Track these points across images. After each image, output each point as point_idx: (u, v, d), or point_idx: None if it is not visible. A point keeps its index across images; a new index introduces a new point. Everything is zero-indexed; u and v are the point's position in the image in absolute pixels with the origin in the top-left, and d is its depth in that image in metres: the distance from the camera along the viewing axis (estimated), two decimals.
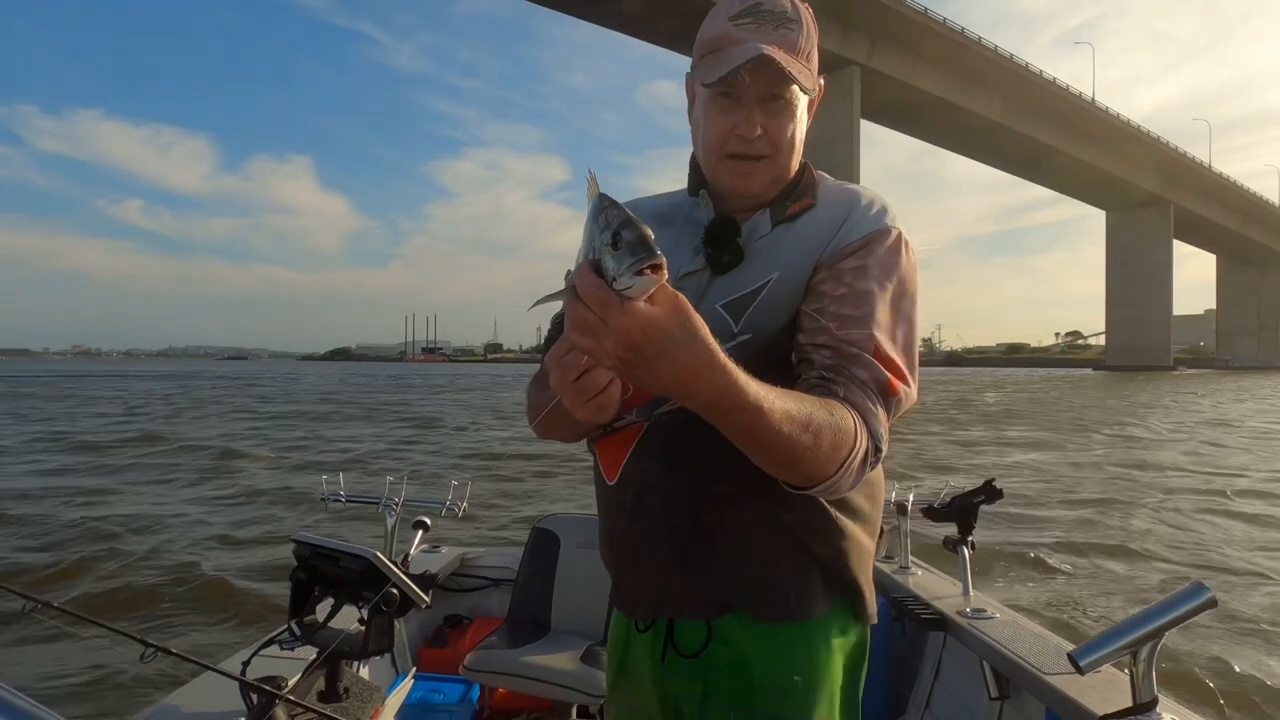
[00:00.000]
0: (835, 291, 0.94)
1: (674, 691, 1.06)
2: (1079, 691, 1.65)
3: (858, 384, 0.89)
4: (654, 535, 1.02)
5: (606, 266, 0.68)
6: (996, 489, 2.33)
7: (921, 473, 10.37)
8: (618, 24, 50.95)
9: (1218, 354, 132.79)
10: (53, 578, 5.53)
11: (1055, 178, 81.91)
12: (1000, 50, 58.18)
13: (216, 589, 5.31)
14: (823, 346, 0.92)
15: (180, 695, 1.60)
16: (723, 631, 1.02)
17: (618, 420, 1.01)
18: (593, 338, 0.68)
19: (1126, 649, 1.15)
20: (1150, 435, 17.34)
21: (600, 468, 1.08)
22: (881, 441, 0.89)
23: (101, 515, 7.60)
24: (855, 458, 0.86)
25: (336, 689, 1.55)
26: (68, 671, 3.77)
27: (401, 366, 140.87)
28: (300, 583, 1.55)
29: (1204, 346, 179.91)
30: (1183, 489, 9.91)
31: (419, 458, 12.86)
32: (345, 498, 2.59)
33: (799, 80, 0.94)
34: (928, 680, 2.39)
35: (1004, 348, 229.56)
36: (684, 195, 1.12)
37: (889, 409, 0.91)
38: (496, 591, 2.94)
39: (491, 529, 7.05)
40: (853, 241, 0.97)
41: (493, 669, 2.29)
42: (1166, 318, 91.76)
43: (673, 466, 1.00)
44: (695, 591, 1.02)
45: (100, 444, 14.12)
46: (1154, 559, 6.49)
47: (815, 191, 1.05)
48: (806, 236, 1.00)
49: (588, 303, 0.67)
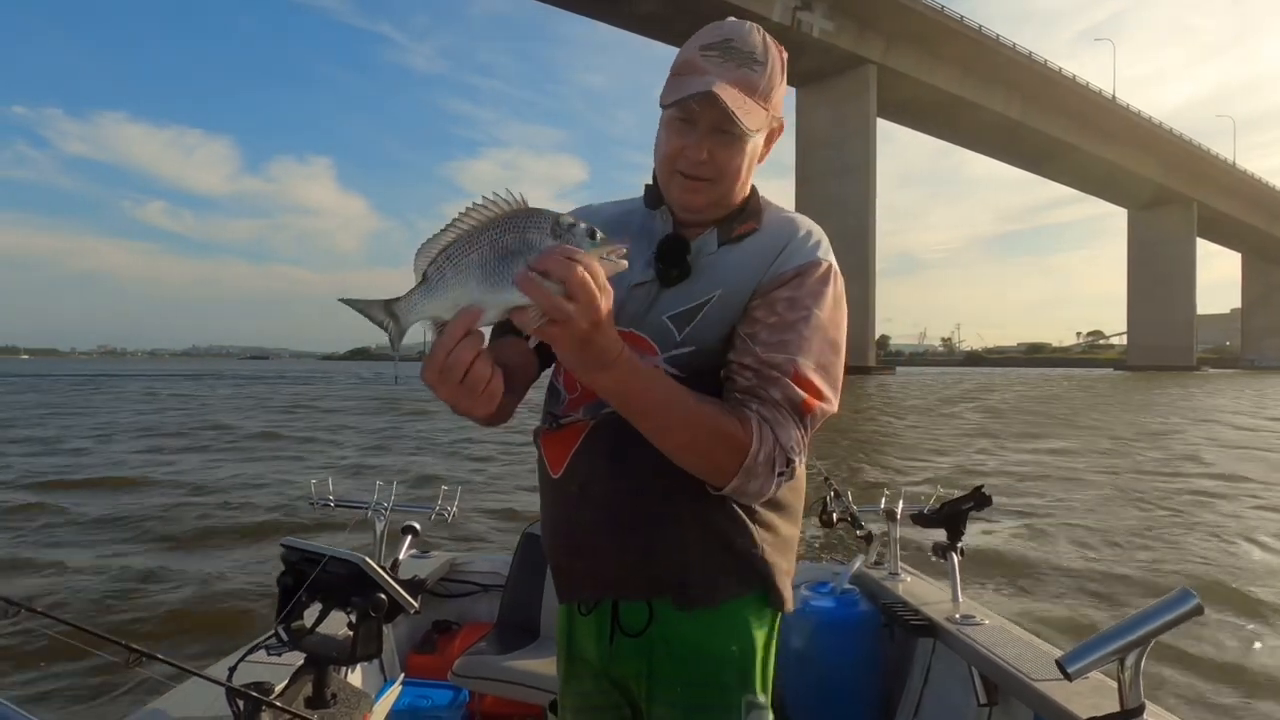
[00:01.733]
0: (767, 319, 1.04)
1: (621, 671, 1.15)
2: (1067, 697, 1.65)
3: (771, 404, 0.99)
4: (596, 524, 1.11)
5: (584, 249, 0.78)
6: (986, 496, 2.32)
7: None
8: (634, 25, 51.03)
9: (1243, 354, 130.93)
10: (45, 584, 5.54)
11: (1075, 176, 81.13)
12: (1018, 48, 57.73)
13: (205, 593, 5.31)
14: (746, 367, 1.02)
15: (166, 701, 1.60)
16: (662, 611, 1.11)
17: (564, 417, 1.13)
18: (581, 307, 0.78)
19: (1114, 655, 1.16)
20: (1150, 434, 17.16)
21: (545, 461, 1.17)
22: (793, 453, 0.99)
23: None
24: (754, 462, 0.96)
25: (324, 695, 1.54)
26: (52, 677, 3.77)
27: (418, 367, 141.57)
28: (287, 587, 1.54)
29: (1230, 346, 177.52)
30: (1176, 490, 9.83)
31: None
32: (334, 502, 2.60)
33: (741, 122, 1.02)
34: (917, 686, 2.39)
35: (1024, 347, 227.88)
36: (637, 204, 1.20)
37: (804, 425, 1.01)
38: (485, 597, 2.93)
39: (479, 533, 7.04)
40: (787, 270, 1.07)
41: (481, 674, 2.28)
42: (1189, 317, 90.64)
43: (615, 462, 1.08)
44: (633, 576, 1.11)
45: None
46: (1143, 563, 6.44)
47: (761, 217, 1.14)
48: (748, 260, 1.09)
49: (580, 270, 0.77)
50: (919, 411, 23.65)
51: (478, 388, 0.82)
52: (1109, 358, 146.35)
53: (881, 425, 18.73)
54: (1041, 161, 75.81)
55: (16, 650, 4.01)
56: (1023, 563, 6.32)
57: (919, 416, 21.74)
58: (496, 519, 7.69)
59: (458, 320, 0.79)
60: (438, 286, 0.80)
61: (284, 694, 1.50)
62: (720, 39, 1.06)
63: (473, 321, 0.80)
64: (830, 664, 2.41)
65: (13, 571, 5.82)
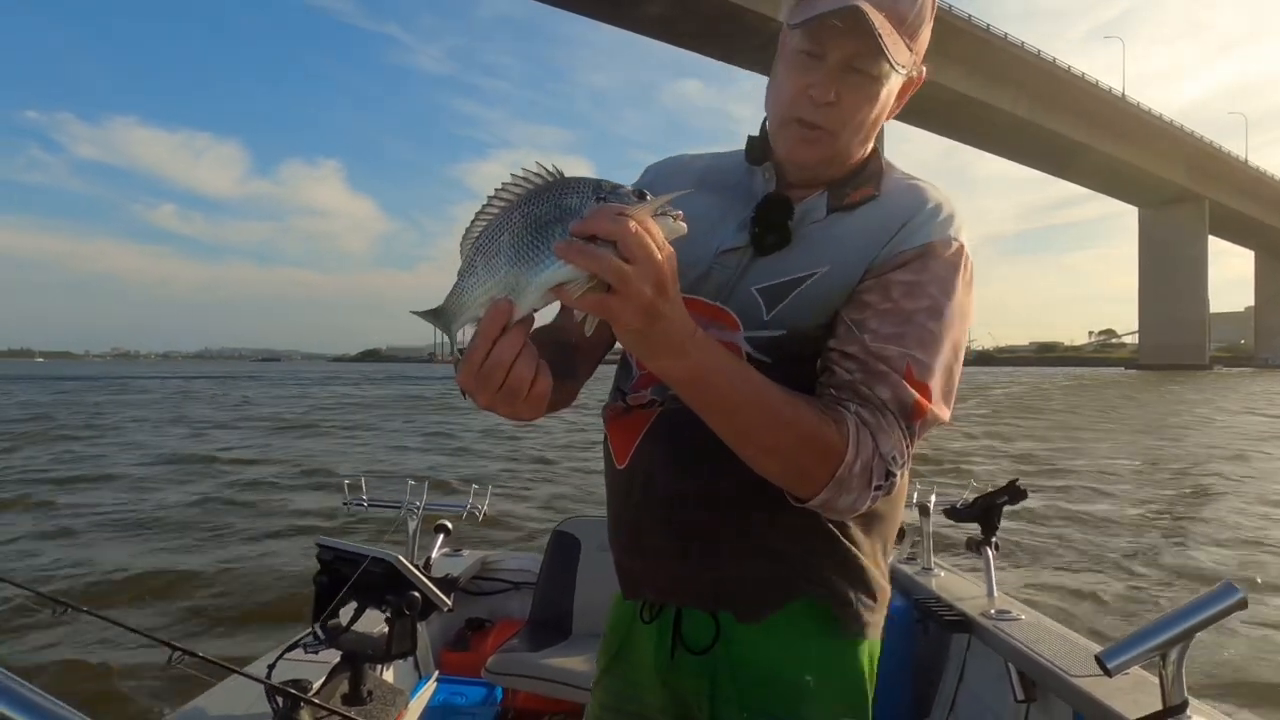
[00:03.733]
0: (880, 305, 0.88)
1: (682, 688, 1.03)
2: (1107, 694, 1.62)
3: (875, 404, 0.85)
4: (658, 523, 1.00)
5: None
6: (1020, 489, 2.29)
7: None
8: (640, 27, 51.01)
9: (1256, 352, 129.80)
10: (91, 583, 5.66)
11: (1085, 174, 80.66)
12: (1026, 46, 57.46)
13: (244, 590, 5.41)
14: (850, 358, 0.87)
15: (207, 698, 1.62)
16: (730, 628, 0.99)
17: (632, 394, 1.00)
18: (640, 267, 0.65)
19: (1156, 650, 1.11)
20: (1173, 432, 17.01)
21: (611, 450, 1.05)
22: (894, 464, 0.84)
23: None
24: (848, 473, 0.81)
25: (360, 692, 1.56)
26: (96, 674, 3.84)
27: (431, 368, 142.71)
28: (323, 586, 1.57)
29: (1245, 344, 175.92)
30: (1219, 490, 9.73)
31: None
32: (367, 503, 2.62)
33: (889, 52, 0.83)
34: (951, 683, 2.36)
35: (1036, 346, 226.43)
36: (736, 159, 1.03)
37: (912, 432, 0.86)
38: (517, 594, 2.94)
39: (512, 532, 7.07)
40: (910, 249, 0.89)
41: (515, 671, 2.30)
42: (1201, 315, 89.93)
43: (681, 459, 0.96)
44: (695, 585, 0.99)
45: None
46: (1184, 559, 6.38)
47: (881, 182, 0.97)
48: (862, 232, 0.92)
49: (633, 224, 0.64)
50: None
51: (520, 392, 0.71)
52: (1121, 357, 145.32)
53: None
54: (1051, 160, 75.39)
55: (63, 648, 4.09)
56: (1054, 558, 6.24)
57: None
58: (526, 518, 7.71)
59: (489, 317, 0.69)
60: (469, 281, 0.70)
61: (321, 691, 1.52)
62: None
63: (505, 315, 0.68)
64: None
65: (75, 570, 5.93)
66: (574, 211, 0.66)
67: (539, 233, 0.67)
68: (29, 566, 6.00)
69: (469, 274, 0.70)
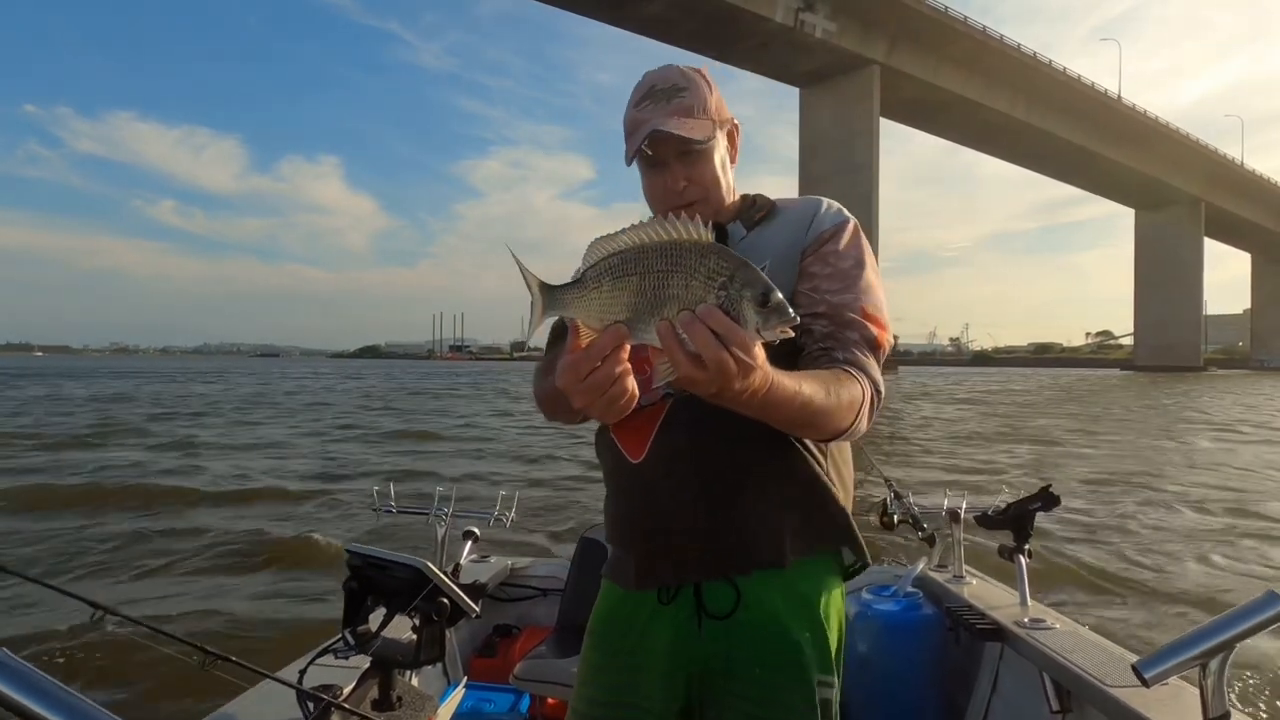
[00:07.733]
0: (824, 272, 1.16)
1: (698, 656, 1.17)
2: (1145, 705, 1.59)
3: (853, 344, 1.10)
4: (684, 503, 1.15)
5: (747, 318, 0.77)
6: (1054, 496, 2.25)
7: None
8: (641, 27, 50.89)
9: (1252, 354, 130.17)
10: (122, 583, 5.67)
11: (1082, 176, 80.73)
12: (1023, 48, 57.51)
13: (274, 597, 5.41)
14: (820, 315, 1.12)
15: (239, 703, 1.62)
16: (749, 593, 1.15)
17: (644, 397, 1.11)
18: (720, 373, 0.77)
19: (1195, 660, 1.07)
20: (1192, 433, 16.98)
21: (622, 449, 1.19)
22: (880, 386, 1.10)
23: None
24: (866, 409, 1.06)
25: (390, 697, 1.56)
26: (129, 678, 3.84)
27: (432, 365, 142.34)
28: (353, 592, 1.57)
29: (1242, 346, 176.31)
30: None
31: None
32: (396, 508, 2.62)
33: (691, 137, 1.14)
34: (984, 693, 2.31)
35: (1033, 347, 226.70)
36: None
37: (879, 358, 1.13)
38: (545, 601, 2.94)
39: (539, 538, 7.02)
40: (825, 230, 1.19)
41: (543, 678, 2.30)
42: (1197, 317, 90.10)
43: (701, 440, 1.13)
44: (723, 550, 1.15)
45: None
46: (1224, 569, 6.20)
47: (771, 205, 1.25)
48: (781, 232, 1.21)
49: (734, 345, 0.77)
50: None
51: (617, 401, 0.83)
52: (1117, 358, 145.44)
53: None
54: (1047, 161, 75.45)
55: (97, 651, 4.11)
56: (1087, 567, 6.13)
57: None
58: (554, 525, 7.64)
59: (607, 337, 0.80)
60: (593, 293, 0.81)
61: (351, 696, 1.52)
62: (646, 89, 1.20)
63: (619, 341, 0.80)
64: (894, 669, 2.34)
65: (108, 577, 5.91)
66: (693, 298, 0.77)
67: (658, 298, 0.78)
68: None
69: (594, 289, 0.81)
